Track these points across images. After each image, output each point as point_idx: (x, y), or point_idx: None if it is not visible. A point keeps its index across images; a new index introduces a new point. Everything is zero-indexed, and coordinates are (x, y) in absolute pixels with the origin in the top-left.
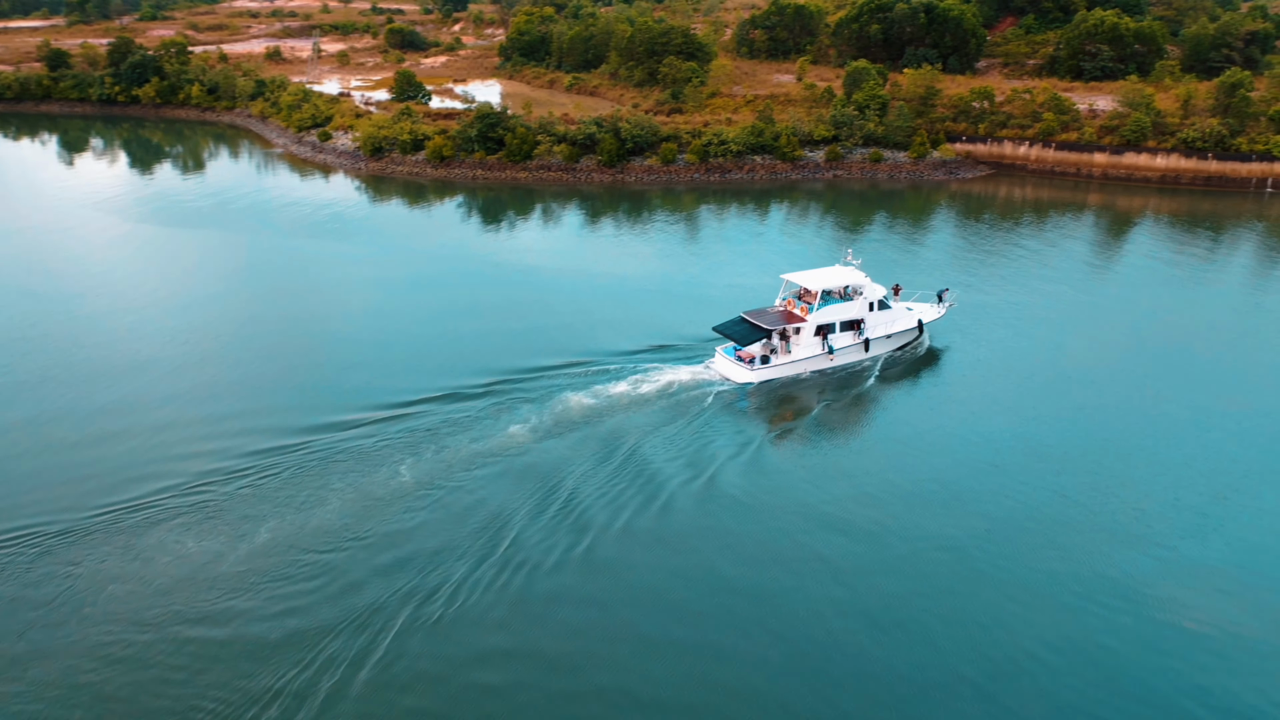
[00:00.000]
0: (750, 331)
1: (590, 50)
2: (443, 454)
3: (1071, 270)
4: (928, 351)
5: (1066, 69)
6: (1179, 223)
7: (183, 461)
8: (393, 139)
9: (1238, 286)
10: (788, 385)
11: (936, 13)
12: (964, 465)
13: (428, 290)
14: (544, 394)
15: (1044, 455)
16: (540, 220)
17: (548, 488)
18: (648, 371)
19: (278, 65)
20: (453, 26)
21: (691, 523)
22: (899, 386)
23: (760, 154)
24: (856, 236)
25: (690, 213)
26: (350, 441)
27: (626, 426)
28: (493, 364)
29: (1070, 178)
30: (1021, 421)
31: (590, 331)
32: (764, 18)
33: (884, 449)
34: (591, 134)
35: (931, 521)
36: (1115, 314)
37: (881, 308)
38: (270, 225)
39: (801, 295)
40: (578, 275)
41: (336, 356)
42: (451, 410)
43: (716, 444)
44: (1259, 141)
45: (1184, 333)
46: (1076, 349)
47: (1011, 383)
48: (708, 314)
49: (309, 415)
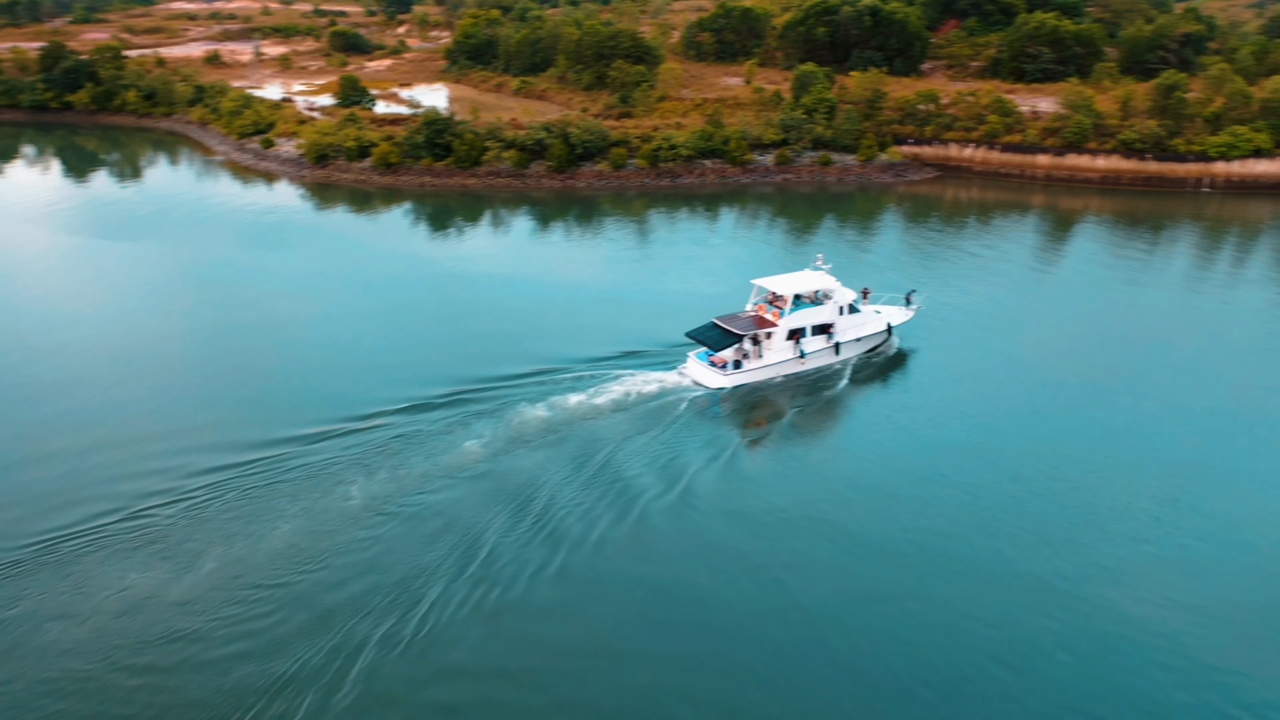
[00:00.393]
0: (723, 337)
1: (538, 53)
2: (403, 470)
3: (1026, 271)
4: (897, 354)
5: (1009, 71)
6: (1122, 223)
7: (122, 484)
8: (338, 146)
9: (1181, 286)
10: (760, 389)
11: (881, 15)
12: (932, 468)
13: (379, 300)
14: (513, 403)
15: (1003, 458)
16: (491, 227)
17: (520, 501)
18: (621, 378)
19: (217, 69)
20: (397, 29)
21: (667, 534)
22: (869, 390)
23: (710, 158)
24: (812, 240)
25: (644, 218)
26: (302, 459)
27: (601, 434)
28: (455, 373)
29: (1015, 179)
30: (985, 424)
31: (557, 339)
32: (711, 20)
33: (856, 454)
34: (541, 139)
35: (901, 525)
36: (1069, 314)
37: (851, 311)
38: (212, 235)
39: (772, 300)
40: (536, 282)
41: (284, 369)
42: (411, 423)
43: (691, 451)
44: (1195, 142)
45: (1134, 333)
46: (1035, 350)
47: (975, 384)
48: (673, 320)
49: (256, 432)
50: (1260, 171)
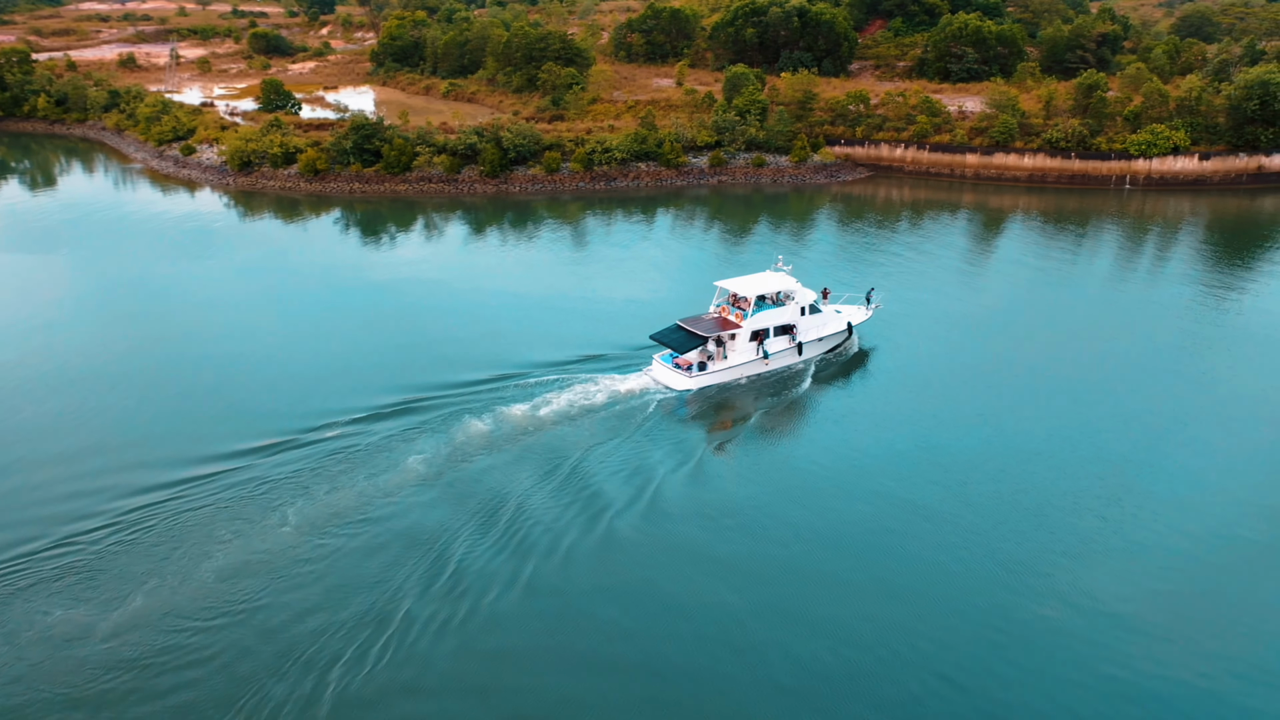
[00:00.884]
0: (688, 339)
1: (466, 55)
2: (350, 485)
3: (969, 270)
4: (857, 353)
5: (935, 71)
6: (1052, 221)
7: (42, 509)
8: (262, 152)
9: (1112, 283)
10: (725, 391)
11: (809, 16)
12: (894, 468)
13: (313, 310)
14: (472, 410)
15: (957, 459)
16: (426, 233)
17: (486, 513)
18: (585, 381)
19: (133, 73)
20: (320, 30)
21: (636, 543)
22: (832, 390)
23: (645, 161)
24: (754, 241)
25: (582, 222)
26: (239, 478)
27: (568, 440)
28: (406, 381)
29: (945, 178)
30: (941, 423)
31: (512, 344)
32: (640, 21)
33: (821, 455)
34: (472, 144)
35: (864, 526)
36: (1016, 312)
37: (812, 312)
38: (131, 245)
39: (734, 301)
40: (482, 289)
41: (213, 384)
42: (359, 434)
43: (658, 456)
44: (1116, 140)
45: (1070, 330)
46: (986, 348)
47: (932, 383)
48: (629, 323)
49: (187, 451)
50: (1179, 169)
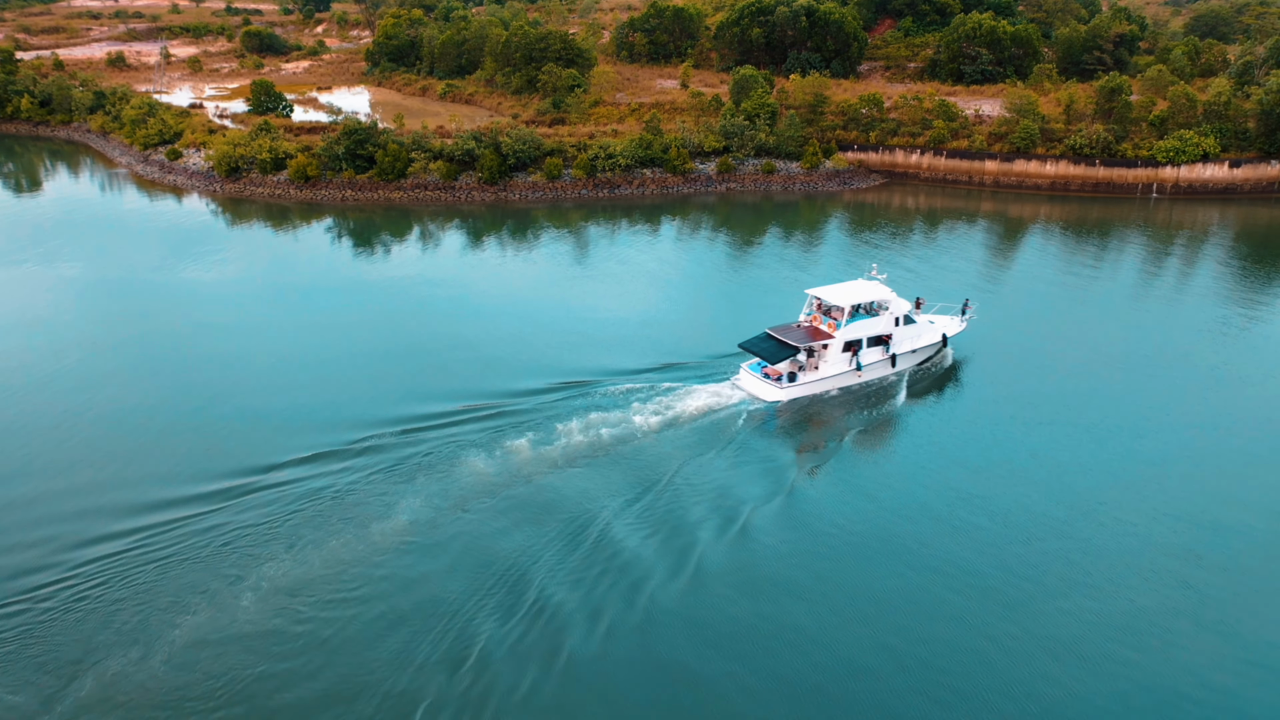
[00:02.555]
0: (778, 348)
1: (464, 55)
2: (414, 500)
3: (1042, 277)
4: (951, 365)
5: (947, 72)
6: (1089, 230)
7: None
8: (250, 158)
9: (1171, 300)
10: (816, 403)
11: (818, 16)
12: (1006, 496)
13: (337, 317)
14: (551, 419)
15: (1078, 480)
16: (455, 243)
17: (566, 536)
18: (669, 391)
19: (121, 73)
20: (315, 28)
21: (725, 584)
22: (928, 406)
23: (650, 167)
24: (766, 249)
25: (589, 231)
26: (207, 524)
27: (654, 455)
28: (470, 388)
29: (963, 186)
30: (1050, 445)
31: (580, 351)
32: (643, 20)
33: (923, 482)
34: (470, 149)
35: (981, 562)
36: (1098, 326)
37: (907, 322)
38: (106, 255)
39: (826, 310)
40: (518, 300)
41: (196, 406)
42: (419, 444)
43: (749, 480)
44: (1142, 147)
45: (1137, 349)
46: (1083, 360)
47: (1035, 398)
48: (698, 330)
49: (157, 488)
50: (1208, 177)
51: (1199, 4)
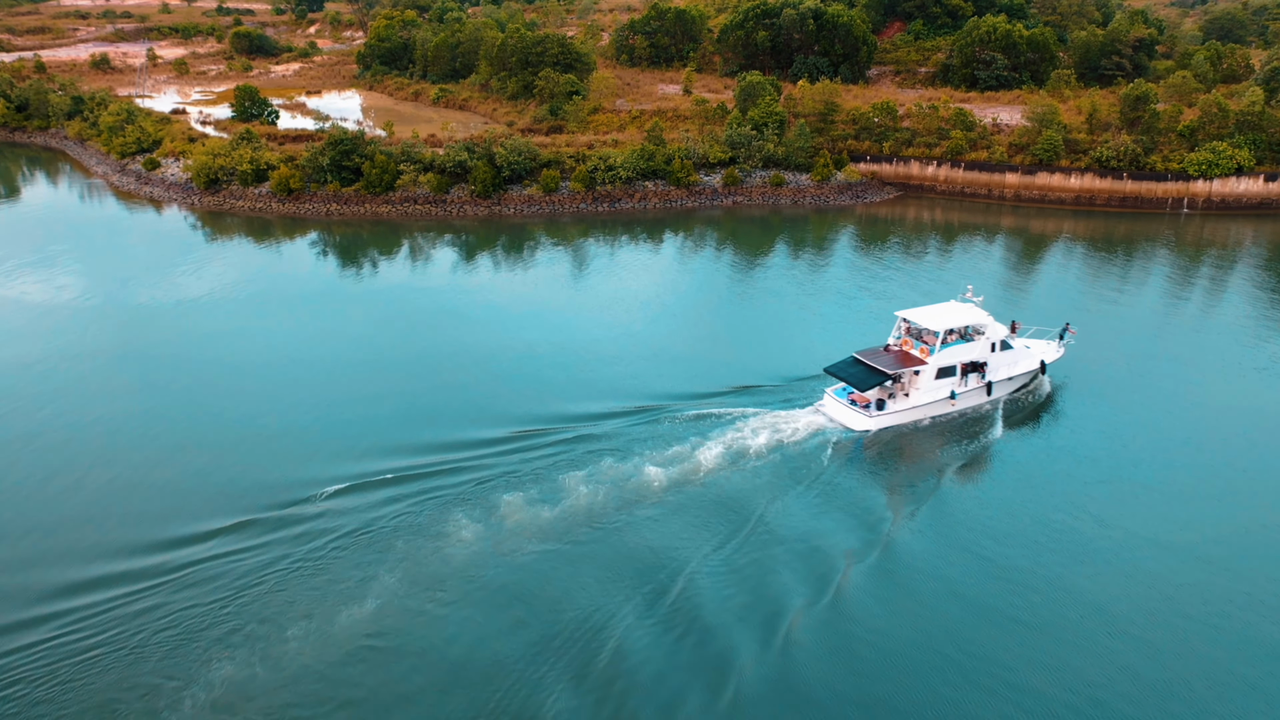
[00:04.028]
0: (868, 375)
1: (458, 59)
2: (471, 535)
3: (1106, 297)
4: (1049, 393)
5: (960, 78)
6: (1136, 246)
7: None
8: (231, 169)
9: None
10: (906, 433)
11: (825, 19)
12: (1136, 552)
13: (312, 345)
14: (617, 449)
15: (1205, 533)
16: (447, 259)
17: (643, 587)
18: (749, 418)
19: (105, 75)
20: (307, 29)
21: (821, 672)
22: (1030, 439)
23: (652, 179)
24: (831, 267)
25: (600, 245)
26: (196, 578)
27: (738, 493)
28: (519, 412)
29: (982, 199)
30: (1176, 486)
31: (637, 374)
32: (644, 23)
33: (1037, 531)
34: (462, 161)
35: (1103, 621)
36: (1196, 350)
37: (1004, 348)
38: (66, 275)
39: (917, 334)
40: (548, 319)
41: (177, 443)
42: (467, 473)
43: (840, 529)
44: (1172, 159)
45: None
46: (1187, 388)
47: (1143, 431)
48: (773, 352)
49: (139, 535)
50: (1241, 191)
51: (1210, 5)
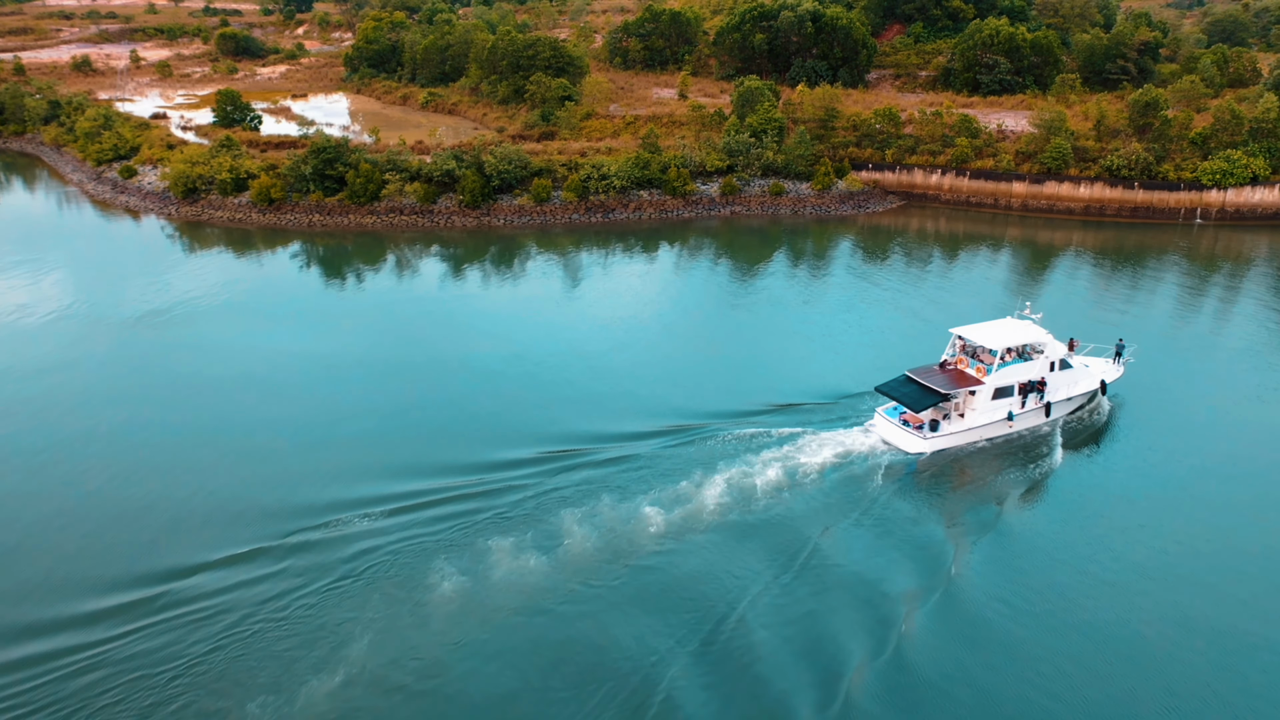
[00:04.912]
0: (922, 394)
1: (447, 62)
2: (508, 569)
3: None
4: (1109, 414)
5: (962, 82)
6: (1164, 258)
7: None
8: (209, 178)
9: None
10: (961, 456)
11: (824, 21)
12: (1207, 580)
13: (304, 363)
14: (656, 471)
15: None
16: (439, 273)
17: (692, 628)
18: (795, 439)
19: (87, 78)
20: (295, 30)
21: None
22: (1093, 464)
23: (647, 188)
24: (857, 278)
25: (601, 257)
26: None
27: (787, 522)
28: (550, 431)
29: (988, 209)
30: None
31: (675, 390)
32: (638, 25)
33: (1112, 572)
34: (450, 170)
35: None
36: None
37: (1063, 367)
38: (30, 290)
39: (973, 353)
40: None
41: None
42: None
43: (898, 564)
44: (1185, 168)
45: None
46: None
47: (1217, 453)
48: (810, 369)
49: (70, 590)
50: (1257, 201)
51: (1210, 6)
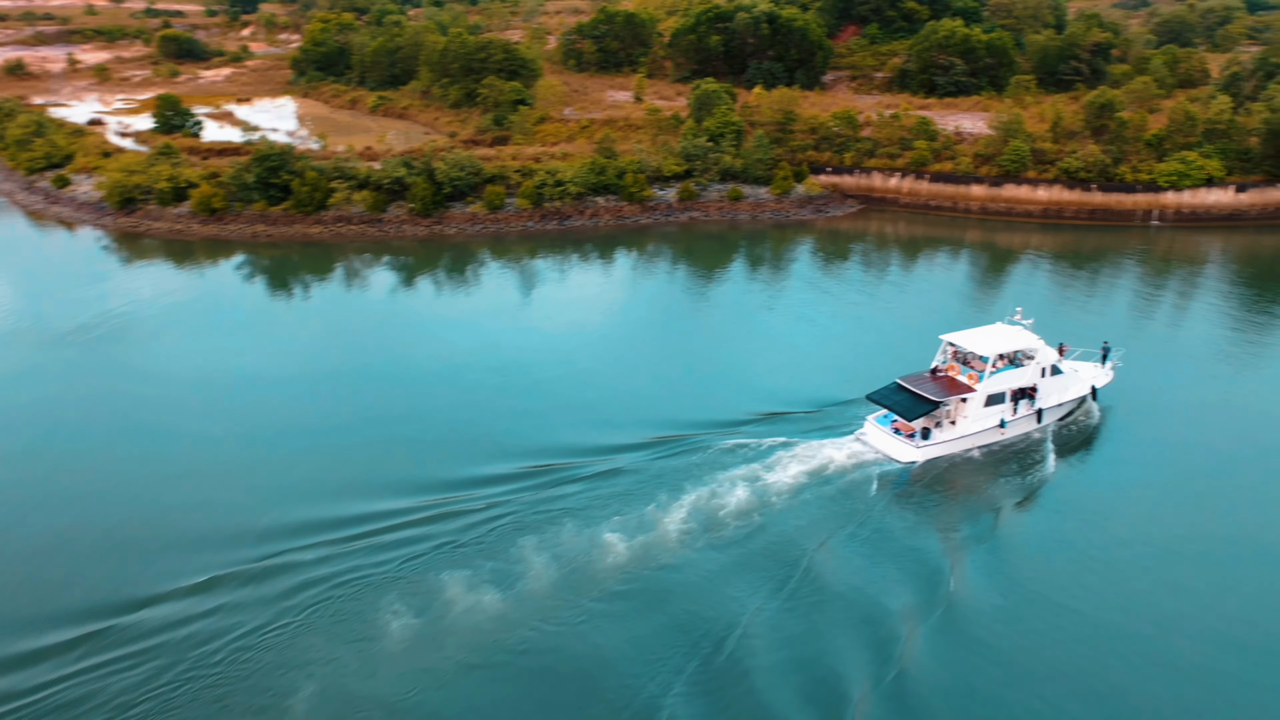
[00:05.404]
0: (914, 403)
1: (397, 64)
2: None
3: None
4: (1100, 420)
5: (918, 83)
6: (1124, 261)
7: None
8: (147, 187)
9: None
10: (955, 464)
11: (780, 23)
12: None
13: (252, 383)
14: (636, 487)
15: None
16: (389, 284)
17: (680, 653)
18: (781, 448)
19: (21, 82)
20: (241, 31)
21: None
22: (1087, 470)
23: (603, 195)
24: (823, 284)
25: (559, 265)
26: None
27: (775, 537)
28: (536, 444)
29: (947, 212)
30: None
31: (660, 398)
32: (592, 26)
33: (1112, 583)
34: (400, 177)
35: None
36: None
37: (1054, 373)
38: None
39: (964, 359)
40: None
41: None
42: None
43: (896, 580)
44: (1141, 170)
45: None
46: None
47: (1207, 458)
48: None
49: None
50: (1212, 202)
51: (1156, 6)
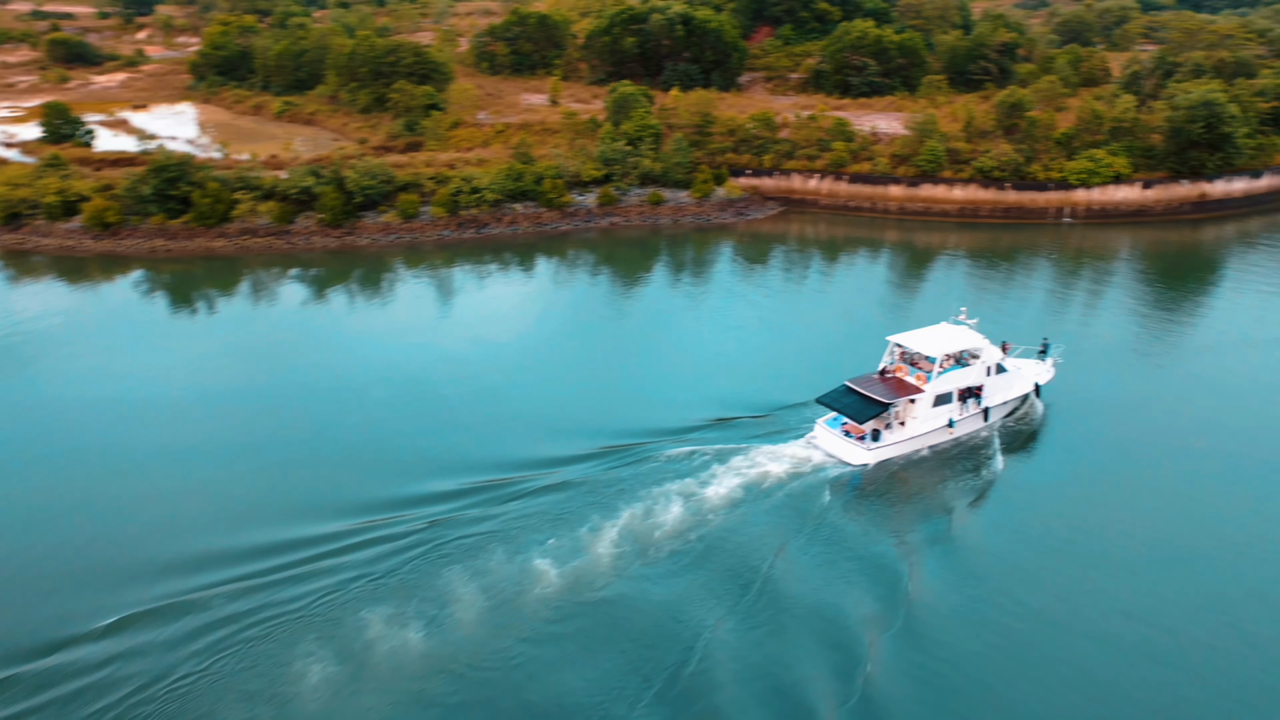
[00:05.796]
0: (864, 405)
1: (303, 68)
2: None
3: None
4: (1043, 417)
5: (833, 84)
6: (1032, 257)
7: None
8: (34, 201)
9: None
10: (905, 465)
11: (695, 24)
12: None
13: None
14: (597, 495)
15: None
16: (298, 298)
17: (636, 677)
18: (736, 454)
19: None
20: (136, 34)
21: None
22: (1034, 467)
23: (521, 201)
24: (648, 286)
25: (479, 274)
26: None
27: (730, 548)
28: (478, 458)
29: (866, 213)
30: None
31: (602, 408)
32: (504, 28)
33: (1075, 582)
34: (308, 186)
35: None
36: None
37: (999, 371)
38: None
39: (912, 360)
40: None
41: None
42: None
43: (855, 589)
44: (1052, 168)
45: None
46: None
47: (1151, 451)
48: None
49: None
50: (1120, 199)
51: (1056, 7)
